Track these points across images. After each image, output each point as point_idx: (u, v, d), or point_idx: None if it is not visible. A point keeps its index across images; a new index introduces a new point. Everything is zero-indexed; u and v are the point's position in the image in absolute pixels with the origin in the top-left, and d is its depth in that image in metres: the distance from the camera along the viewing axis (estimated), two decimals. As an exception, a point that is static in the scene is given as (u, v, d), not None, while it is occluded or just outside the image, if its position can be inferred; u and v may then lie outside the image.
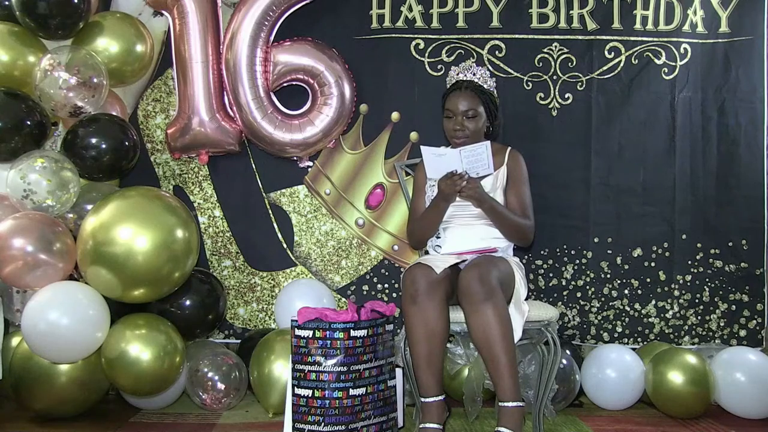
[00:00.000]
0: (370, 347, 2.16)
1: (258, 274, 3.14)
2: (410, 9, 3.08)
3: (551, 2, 3.06)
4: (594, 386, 2.81)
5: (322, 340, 2.12)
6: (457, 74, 2.46)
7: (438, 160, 2.32)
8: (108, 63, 2.76)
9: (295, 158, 3.09)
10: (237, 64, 2.93)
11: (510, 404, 2.06)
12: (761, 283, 3.04)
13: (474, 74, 2.44)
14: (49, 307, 2.39)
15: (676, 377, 2.65)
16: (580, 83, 3.06)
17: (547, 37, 3.06)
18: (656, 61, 3.05)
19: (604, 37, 3.06)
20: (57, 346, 2.40)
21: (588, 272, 3.05)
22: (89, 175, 2.73)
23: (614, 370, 2.77)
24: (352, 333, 2.12)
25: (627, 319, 3.05)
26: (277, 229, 3.14)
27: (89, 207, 2.60)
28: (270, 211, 3.14)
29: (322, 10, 3.04)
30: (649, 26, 3.05)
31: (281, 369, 2.60)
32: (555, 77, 3.06)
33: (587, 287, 3.05)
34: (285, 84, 3.04)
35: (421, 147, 2.33)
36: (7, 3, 2.71)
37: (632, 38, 3.05)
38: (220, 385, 2.71)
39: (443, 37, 3.07)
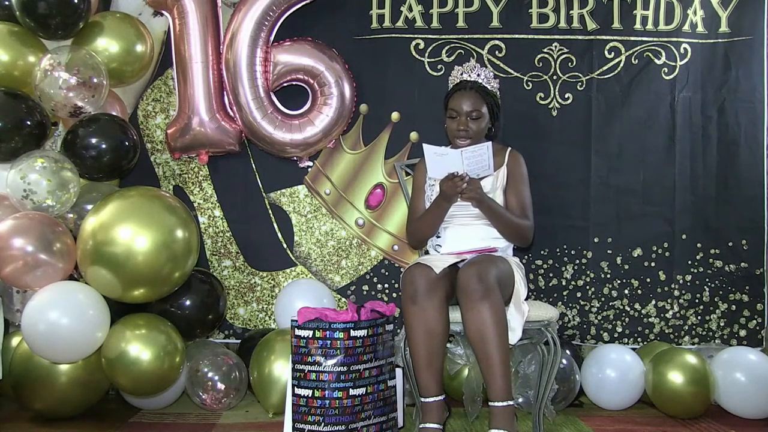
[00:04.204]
0: (370, 347, 2.16)
1: (258, 274, 3.14)
2: (410, 9, 3.08)
3: (551, 2, 3.06)
4: (594, 386, 2.81)
5: (322, 340, 2.12)
6: (461, 74, 2.46)
7: (439, 160, 2.31)
8: (108, 63, 2.75)
9: (295, 158, 3.09)
10: (237, 64, 2.92)
11: (501, 404, 2.05)
12: (761, 283, 3.04)
13: (479, 75, 2.44)
14: (49, 307, 2.39)
15: (676, 377, 2.65)
16: (580, 83, 3.06)
17: (547, 37, 3.06)
18: (656, 61, 3.05)
19: (604, 37, 3.06)
20: (57, 346, 2.40)
21: (588, 272, 3.05)
22: (89, 175, 2.73)
23: (614, 370, 2.77)
24: (352, 333, 2.12)
25: (627, 319, 3.05)
26: (277, 229, 3.14)
27: (89, 207, 2.60)
28: (270, 211, 3.14)
29: (322, 10, 3.04)
30: (649, 26, 3.05)
31: (281, 369, 2.60)
32: (555, 77, 3.06)
33: (587, 287, 3.05)
34: (285, 84, 3.04)
35: (424, 145, 2.32)
36: (7, 3, 2.71)
37: (632, 38, 3.05)
38: (220, 385, 2.71)
39: (443, 37, 3.07)
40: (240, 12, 2.93)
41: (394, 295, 3.09)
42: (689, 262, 3.04)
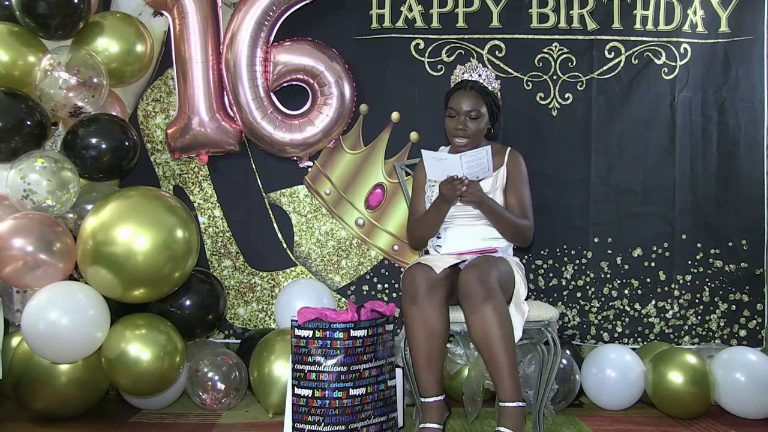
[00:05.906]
0: (370, 347, 2.16)
1: (258, 274, 3.14)
2: (410, 9, 3.08)
3: (551, 2, 3.06)
4: (594, 386, 2.81)
5: (322, 340, 2.12)
6: (463, 74, 2.46)
7: (438, 165, 2.31)
8: (108, 63, 2.75)
9: (295, 158, 3.09)
10: (237, 64, 2.92)
11: (510, 404, 2.06)
12: (761, 283, 3.04)
13: (480, 75, 2.44)
14: (49, 307, 2.39)
15: (676, 377, 2.65)
16: (580, 83, 3.06)
17: (547, 37, 3.06)
18: (656, 61, 3.05)
19: (604, 37, 3.06)
20: (57, 346, 2.40)
21: (588, 272, 3.05)
22: (89, 175, 2.73)
23: (614, 370, 2.77)
24: (352, 333, 2.12)
25: (627, 319, 3.05)
26: (277, 229, 3.14)
27: (89, 207, 2.60)
28: (270, 211, 3.14)
29: (322, 10, 3.04)
30: (649, 26, 3.05)
31: (281, 369, 2.60)
32: (555, 77, 3.06)
33: (587, 287, 3.05)
34: (285, 84, 3.04)
35: (422, 151, 2.32)
36: (7, 3, 2.72)
37: (632, 38, 3.05)
38: (220, 385, 2.71)
39: (443, 37, 3.07)
40: (240, 12, 2.93)
41: (394, 295, 3.09)
42: (689, 262, 3.04)
